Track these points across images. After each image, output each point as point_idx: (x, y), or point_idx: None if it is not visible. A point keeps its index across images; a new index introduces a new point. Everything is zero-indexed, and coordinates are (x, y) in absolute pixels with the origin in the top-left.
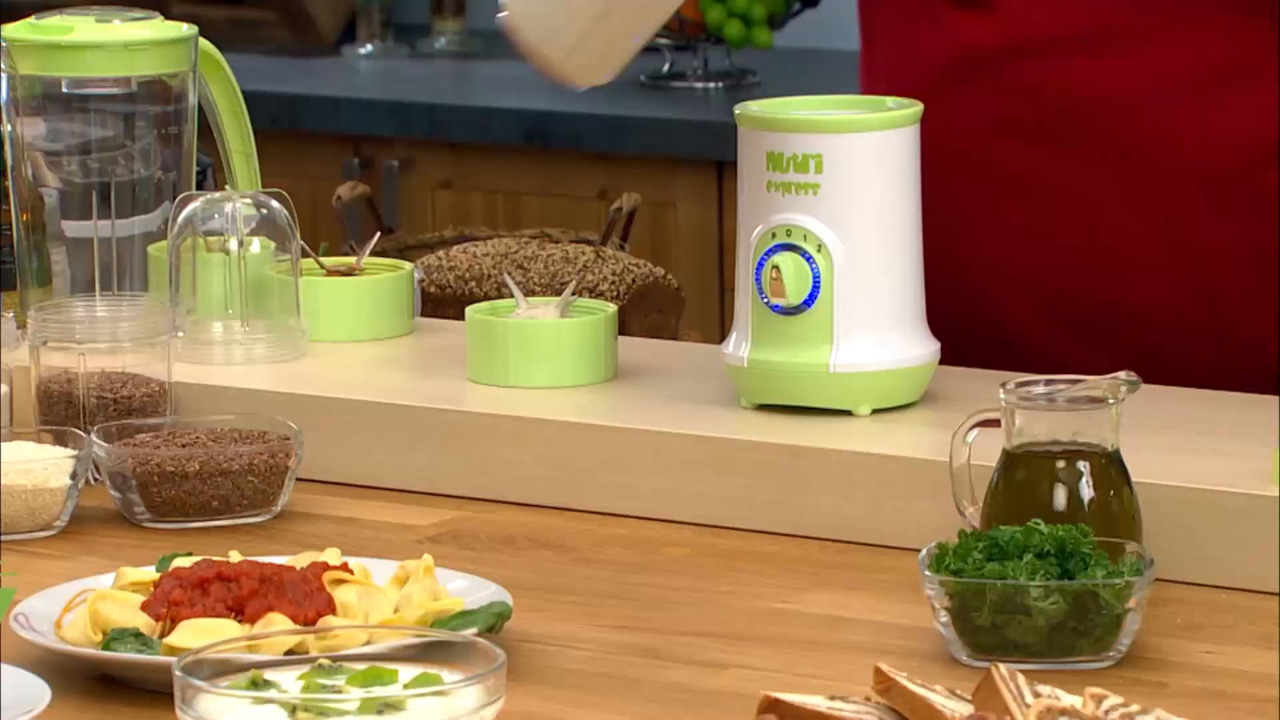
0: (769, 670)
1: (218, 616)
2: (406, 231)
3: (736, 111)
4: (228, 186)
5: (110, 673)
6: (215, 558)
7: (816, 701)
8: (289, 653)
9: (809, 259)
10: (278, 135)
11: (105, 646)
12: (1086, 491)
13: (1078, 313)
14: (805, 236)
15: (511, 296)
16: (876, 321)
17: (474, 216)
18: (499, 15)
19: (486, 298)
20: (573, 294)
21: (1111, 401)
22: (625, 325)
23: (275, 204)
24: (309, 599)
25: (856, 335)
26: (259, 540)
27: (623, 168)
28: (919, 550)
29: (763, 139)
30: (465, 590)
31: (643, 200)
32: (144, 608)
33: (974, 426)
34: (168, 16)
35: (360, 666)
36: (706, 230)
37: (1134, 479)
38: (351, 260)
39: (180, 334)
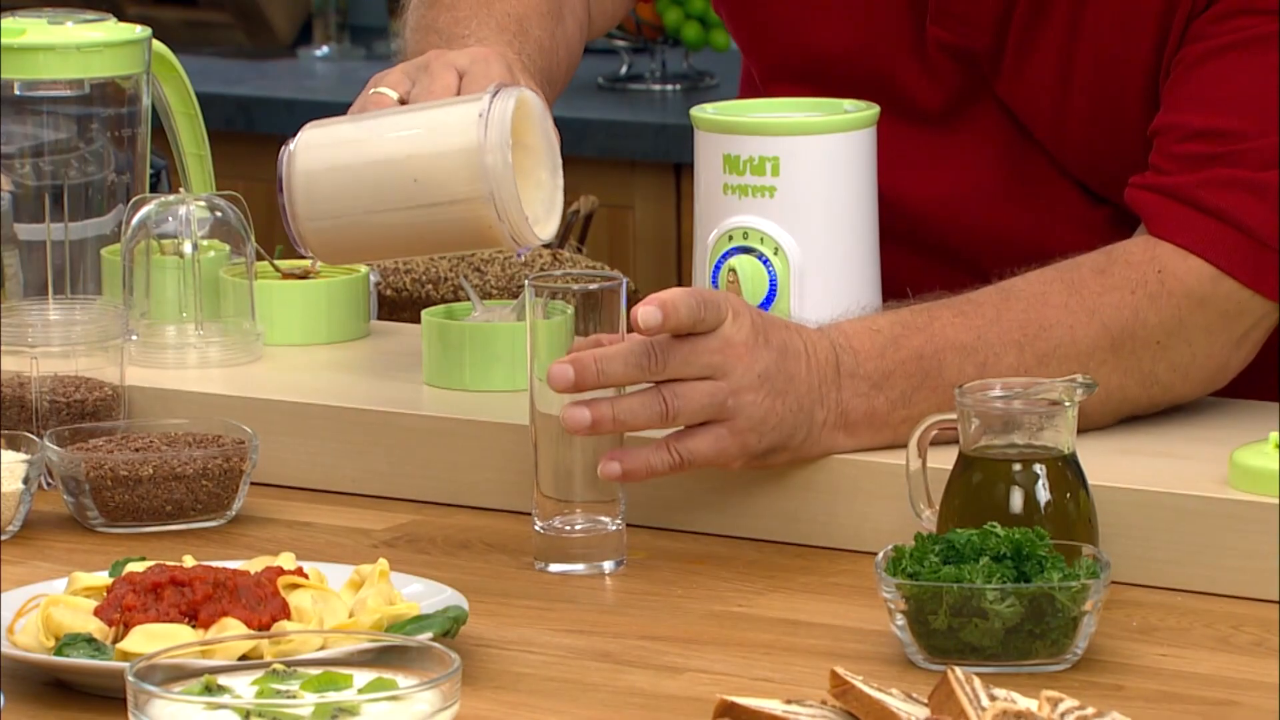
0: (725, 674)
1: (171, 621)
2: None
3: (693, 114)
4: (182, 189)
5: (63, 678)
6: (169, 562)
7: (773, 706)
8: (243, 658)
9: (765, 262)
10: (232, 137)
11: (58, 652)
12: (1043, 494)
13: None
14: (762, 239)
15: (468, 299)
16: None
17: None
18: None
19: (443, 301)
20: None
21: (1067, 404)
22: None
23: (230, 207)
24: (263, 604)
25: None
26: (213, 545)
27: (580, 170)
28: (876, 554)
29: (719, 142)
30: (420, 595)
31: (600, 203)
32: (97, 613)
33: (931, 429)
34: (121, 18)
35: (315, 671)
36: (664, 233)
37: (1090, 482)
38: (307, 263)
39: (134, 337)
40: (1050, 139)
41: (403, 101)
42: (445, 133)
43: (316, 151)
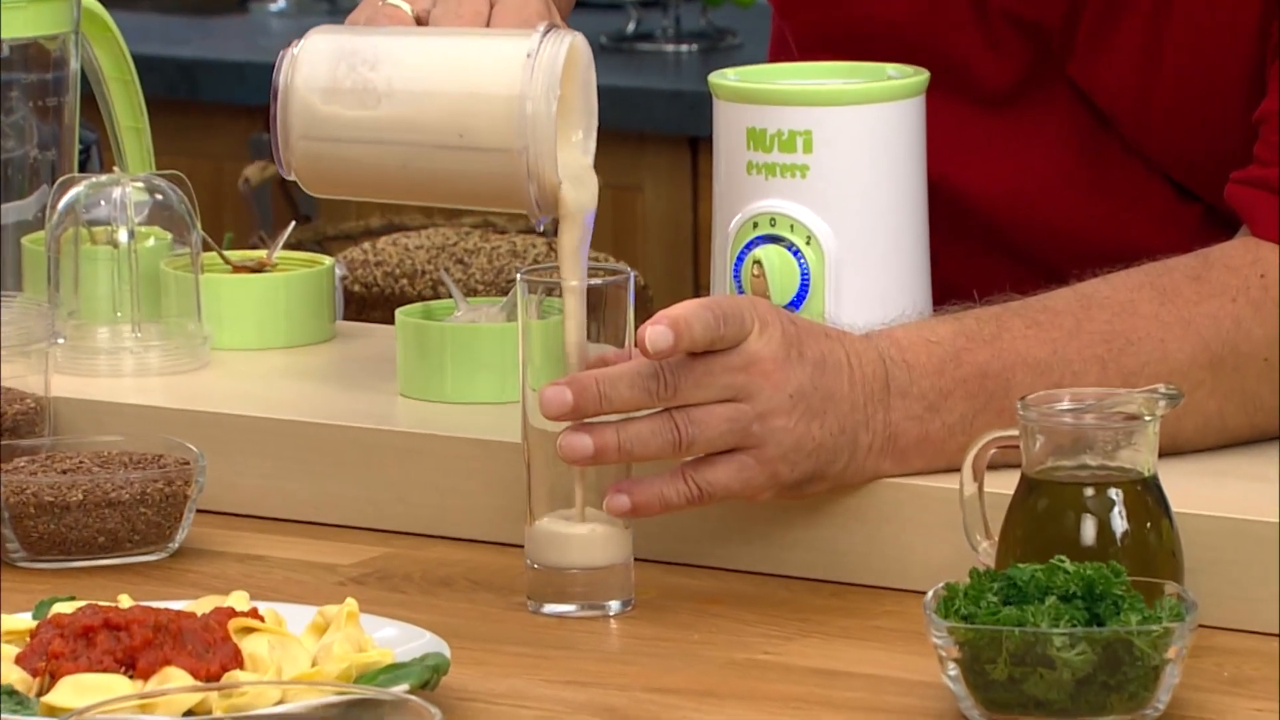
0: None
1: (105, 671)
2: (326, 220)
3: (711, 80)
4: (116, 168)
5: None
6: (102, 603)
7: None
8: (188, 713)
9: (796, 253)
10: (174, 107)
11: None
12: (1119, 523)
13: None
14: (792, 227)
15: (449, 296)
16: (873, 324)
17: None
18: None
19: (420, 298)
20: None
21: (1148, 418)
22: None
23: (172, 188)
24: (212, 650)
25: None
26: (153, 582)
27: None
28: (925, 593)
29: (742, 113)
30: (395, 640)
31: (603, 183)
32: (19, 661)
33: (989, 448)
34: None
35: None
36: (678, 219)
37: (1174, 509)
38: (262, 254)
39: (60, 340)
40: (1131, 126)
41: (420, 21)
42: (481, 69)
43: (324, 63)
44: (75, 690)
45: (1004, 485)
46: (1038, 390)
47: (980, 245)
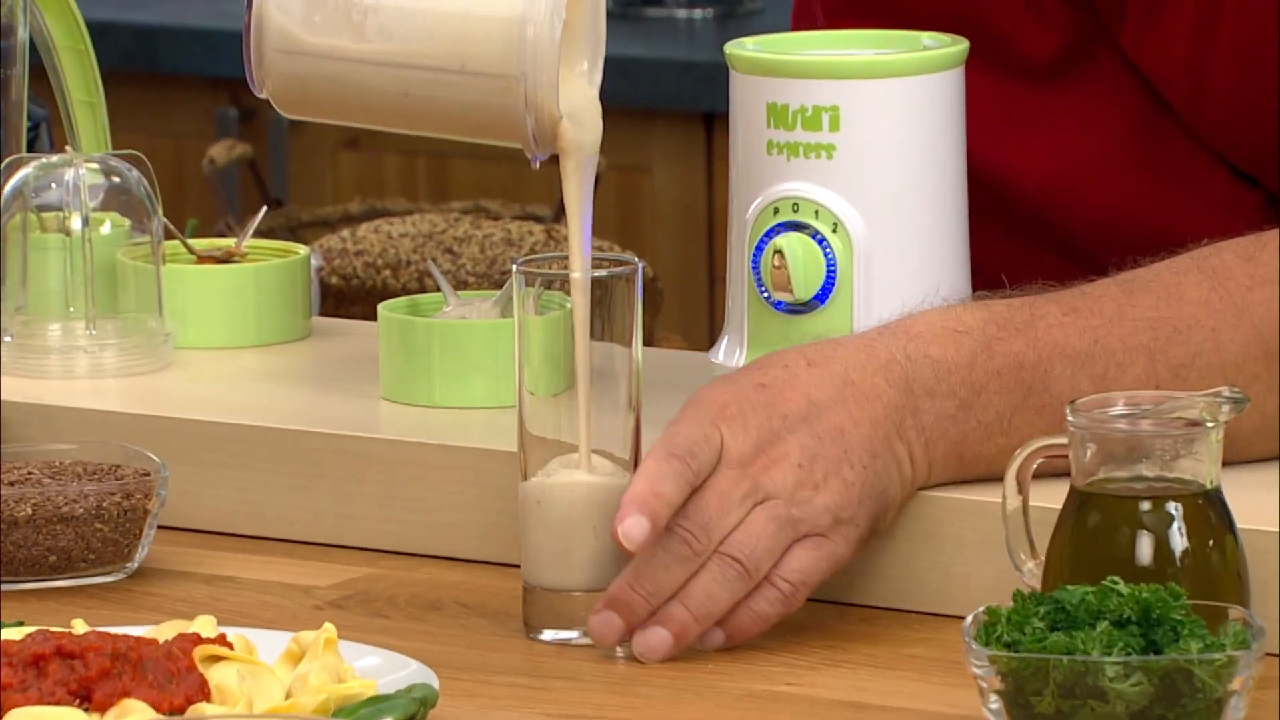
0: None
1: (57, 704)
2: (300, 205)
3: (728, 50)
4: (68, 147)
5: None
6: (54, 628)
7: None
8: None
9: (821, 242)
10: (133, 79)
11: None
12: (1178, 541)
13: None
14: (817, 213)
15: (437, 289)
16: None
17: (388, 185)
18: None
19: (405, 291)
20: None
21: (1210, 425)
22: None
23: (130, 170)
24: (175, 681)
25: None
26: (110, 606)
27: None
28: (964, 618)
29: (762, 87)
30: (378, 669)
31: (608, 164)
32: None
33: (1034, 458)
34: None
35: None
36: (691, 204)
37: (1239, 525)
38: (229, 243)
39: (7, 339)
40: (1185, 103)
41: None
42: None
43: None
44: None
45: (1051, 498)
46: (1079, 384)
47: (1019, 235)
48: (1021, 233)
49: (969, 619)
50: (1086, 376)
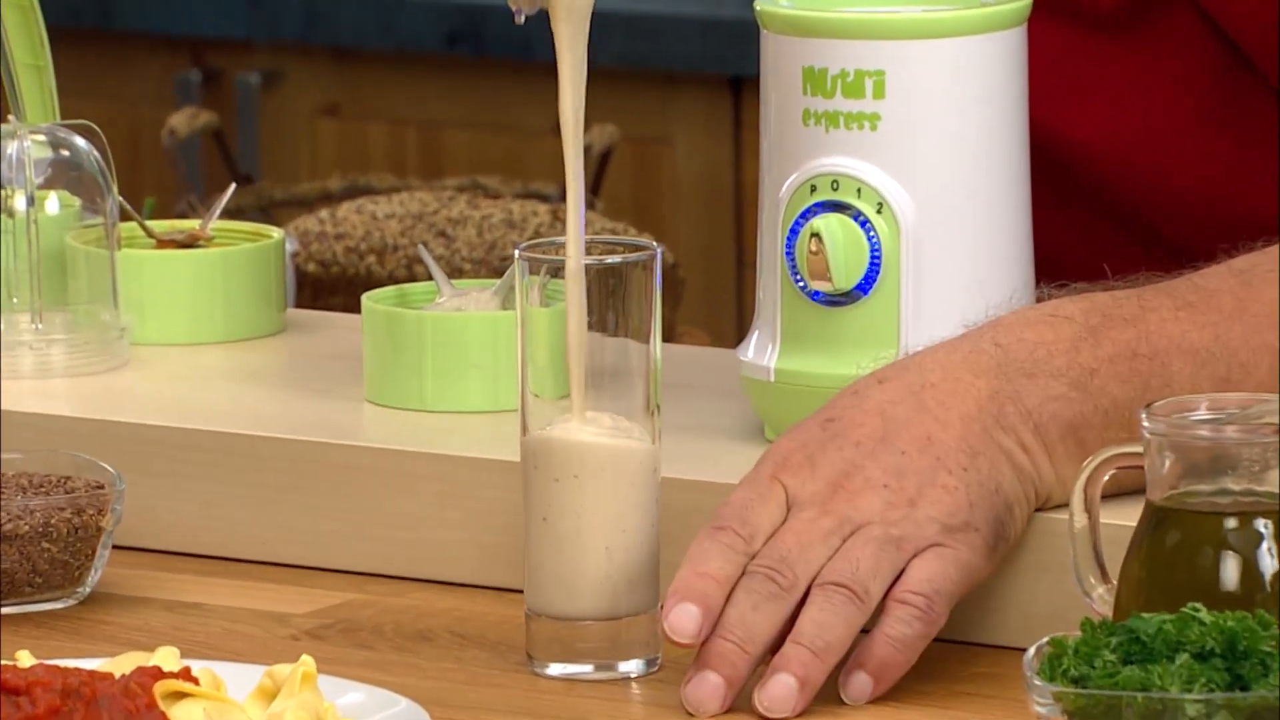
0: None
1: None
2: (273, 181)
3: (759, 7)
4: (11, 116)
5: None
6: None
7: None
8: None
9: (865, 224)
10: (84, 40)
11: None
12: (1268, 562)
13: None
14: (859, 191)
15: (429, 278)
16: (965, 315)
17: (373, 159)
18: None
19: (392, 280)
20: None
21: None
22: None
23: (81, 141)
24: None
25: (936, 335)
26: (60, 635)
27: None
28: (1025, 649)
29: (798, 48)
30: (362, 708)
31: (622, 135)
32: None
33: (1105, 468)
34: None
35: None
36: (716, 180)
37: None
38: (193, 224)
39: None
40: (1267, 60)
41: None
42: None
43: None
44: None
45: (1125, 515)
46: (1200, 385)
47: (1082, 209)
48: (1081, 205)
49: (1031, 651)
50: (1208, 377)
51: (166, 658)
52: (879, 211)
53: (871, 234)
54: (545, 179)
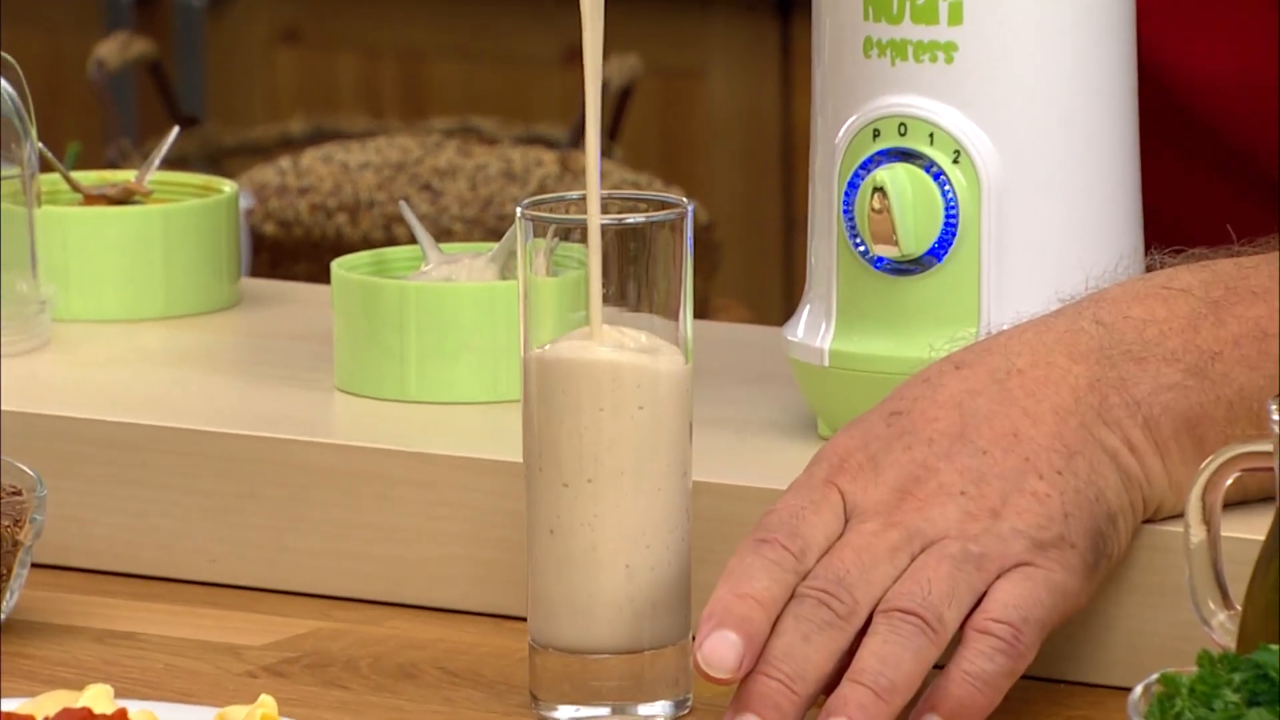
0: None
1: None
2: (222, 123)
3: None
4: None
5: None
6: None
7: None
8: None
9: (939, 176)
10: None
11: None
12: None
13: None
14: (932, 136)
15: (412, 241)
16: (1060, 286)
17: (342, 95)
18: None
19: (367, 244)
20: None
21: None
22: None
23: None
24: None
25: (1024, 311)
26: None
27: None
28: (1129, 689)
29: None
30: None
31: (647, 66)
32: None
33: (1226, 471)
34: None
35: None
36: (759, 123)
37: None
38: (128, 176)
39: None
40: None
41: None
42: None
43: None
44: None
45: (1251, 528)
46: None
47: (1202, 161)
48: (1201, 156)
49: (1138, 690)
50: None
51: (98, 698)
52: (955, 161)
53: (946, 188)
54: (552, 120)
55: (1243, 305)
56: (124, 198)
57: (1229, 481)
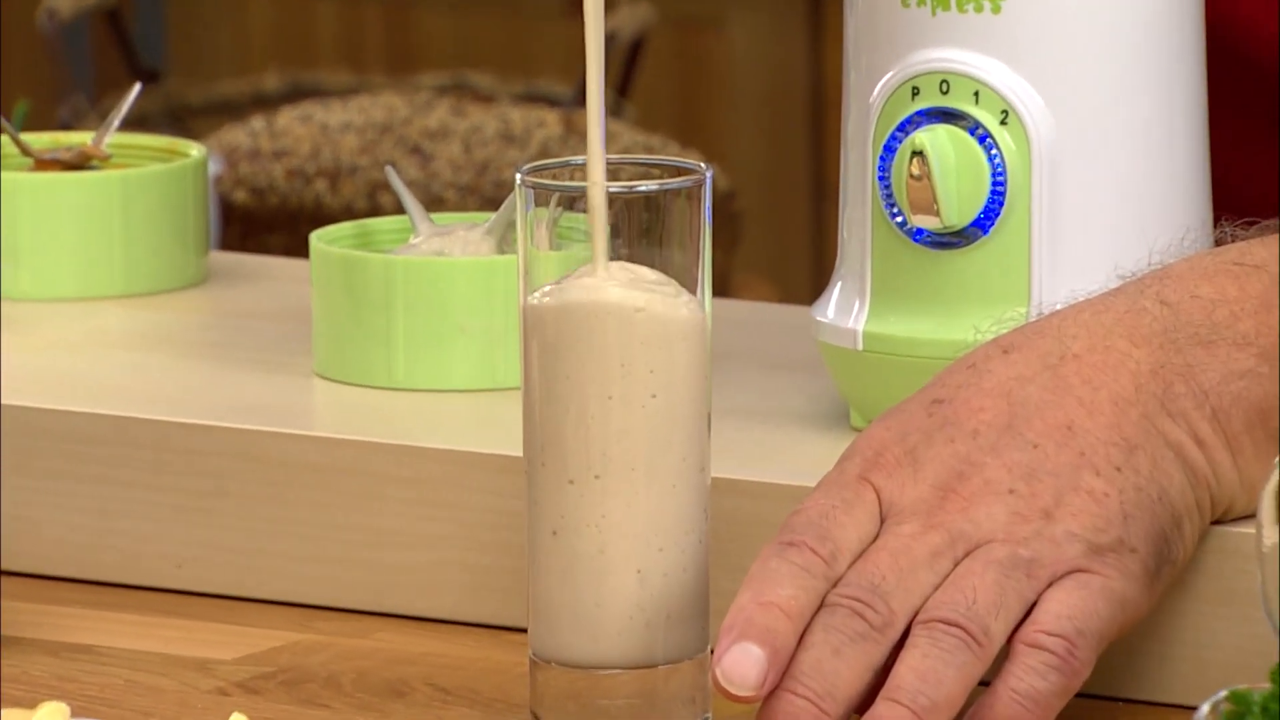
0: None
1: None
2: (188, 79)
3: None
4: None
5: None
6: None
7: None
8: None
9: (985, 139)
10: None
11: None
12: None
13: None
14: (977, 95)
15: (399, 211)
16: (1119, 261)
17: (321, 48)
18: None
19: (350, 214)
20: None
21: None
22: None
23: None
24: None
25: (1080, 289)
26: None
27: None
28: (1195, 707)
29: None
30: None
31: (661, 15)
32: None
33: None
34: None
35: None
36: (785, 79)
37: None
38: (84, 138)
39: None
40: None
41: None
42: None
43: None
44: None
45: None
46: None
47: (1261, 122)
48: (1259, 116)
49: (1205, 709)
50: None
51: (52, 716)
52: (1003, 122)
53: (993, 152)
54: (554, 75)
55: None
56: (79, 162)
57: None
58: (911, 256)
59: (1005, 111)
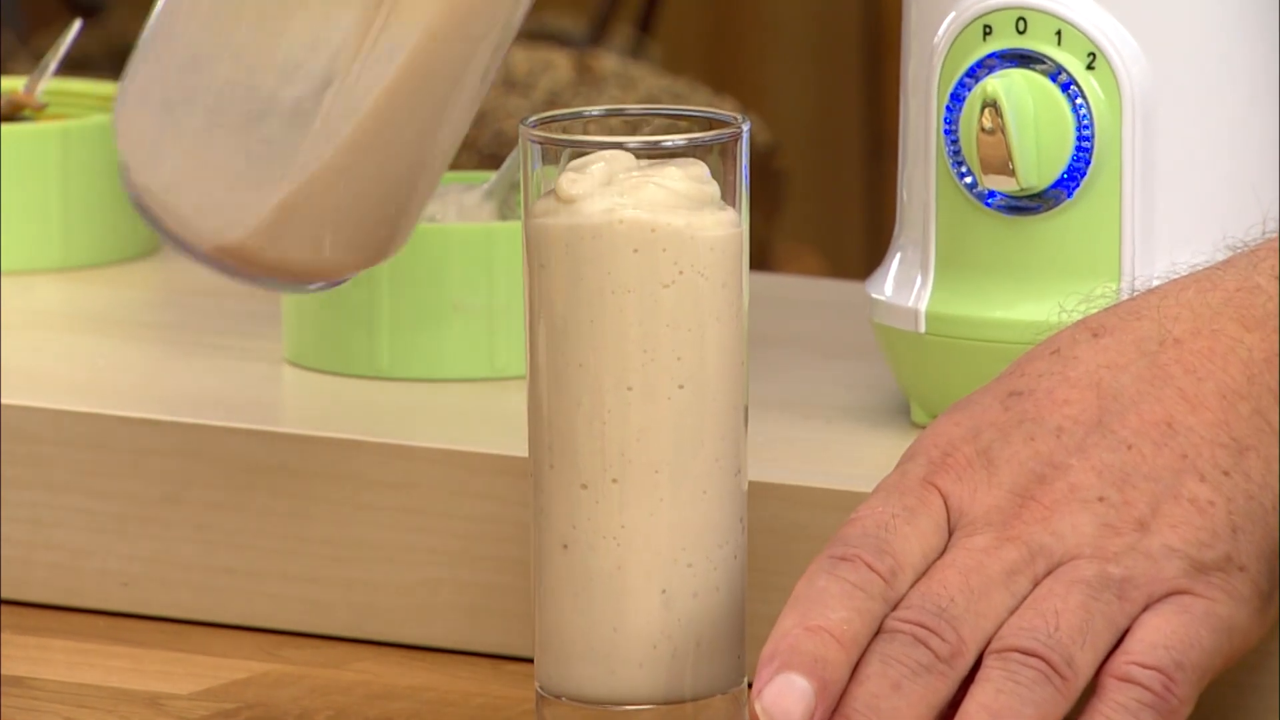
0: None
1: None
2: (133, 14)
3: None
4: None
5: None
6: None
7: None
8: None
9: (1068, 87)
10: None
11: None
12: None
13: None
14: (1060, 35)
15: None
16: (1226, 230)
17: None
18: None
19: None
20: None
21: None
22: None
23: None
24: None
25: (1181, 262)
26: None
27: None
28: None
29: None
30: None
31: None
32: None
33: None
34: None
35: None
36: (836, 14)
37: None
38: (15, 85)
39: None
40: None
41: None
42: None
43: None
44: None
45: None
46: None
47: None
48: None
49: None
50: None
51: None
52: (1090, 67)
53: (1079, 103)
54: (563, 8)
55: None
56: (10, 113)
57: None
58: (983, 224)
59: (1092, 54)
